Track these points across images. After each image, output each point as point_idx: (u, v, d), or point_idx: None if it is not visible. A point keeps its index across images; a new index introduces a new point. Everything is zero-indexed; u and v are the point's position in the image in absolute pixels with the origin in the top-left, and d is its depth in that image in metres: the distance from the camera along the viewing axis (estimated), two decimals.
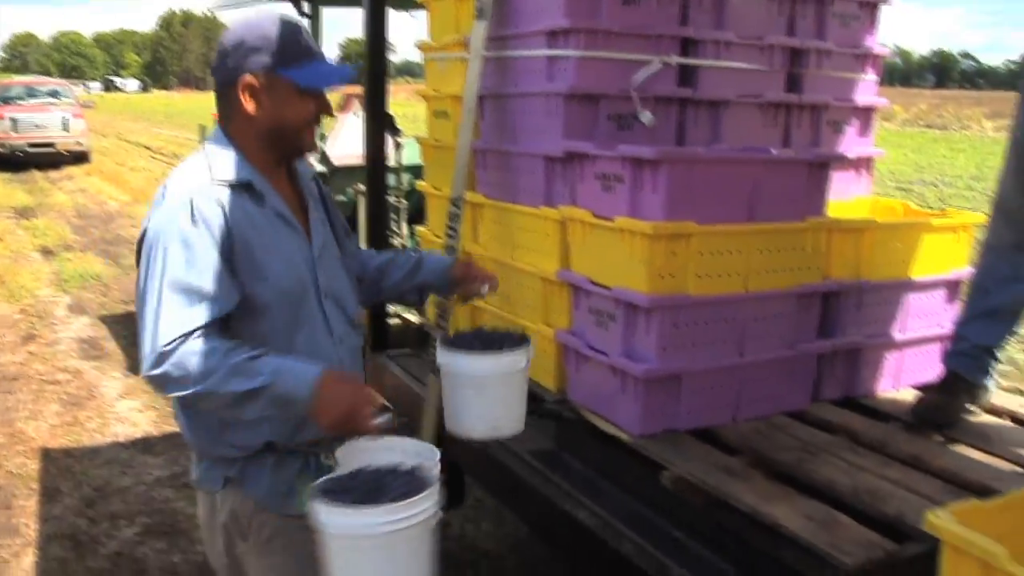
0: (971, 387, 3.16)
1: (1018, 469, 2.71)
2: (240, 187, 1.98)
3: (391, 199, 6.00)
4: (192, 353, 1.85)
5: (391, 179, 6.29)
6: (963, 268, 3.43)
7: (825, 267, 3.06)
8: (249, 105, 1.99)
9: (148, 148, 25.86)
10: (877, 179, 3.59)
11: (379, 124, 4.52)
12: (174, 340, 1.85)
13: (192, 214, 1.91)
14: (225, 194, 1.96)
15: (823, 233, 3.00)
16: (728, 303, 2.83)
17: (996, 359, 3.19)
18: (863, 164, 3.81)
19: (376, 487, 1.81)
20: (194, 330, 1.87)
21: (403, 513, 1.74)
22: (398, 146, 6.33)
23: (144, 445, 5.47)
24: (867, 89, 3.81)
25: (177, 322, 1.87)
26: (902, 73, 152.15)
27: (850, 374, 3.24)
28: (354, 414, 1.90)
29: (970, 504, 1.82)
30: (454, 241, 3.53)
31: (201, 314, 1.89)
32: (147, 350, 1.88)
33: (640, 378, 2.73)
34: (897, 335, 3.29)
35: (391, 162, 6.09)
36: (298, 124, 2.04)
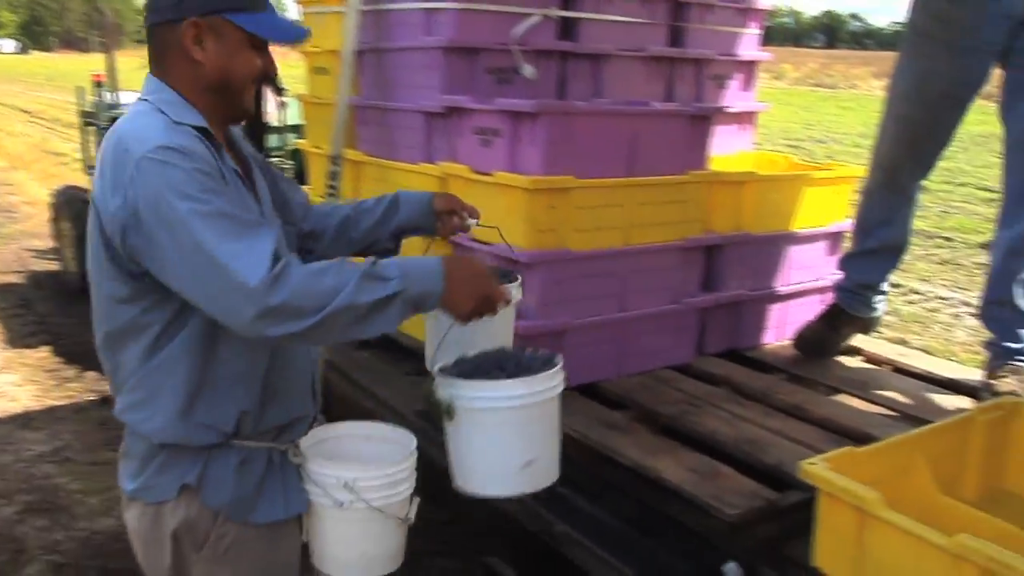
0: (851, 319, 3.26)
1: (894, 415, 2.76)
2: (199, 133, 1.72)
3: (275, 160, 5.82)
4: (304, 275, 1.61)
5: (275, 140, 6.13)
6: (843, 221, 3.47)
7: (707, 220, 3.06)
8: (194, 51, 1.74)
9: (26, 112, 24.74)
10: (768, 136, 3.63)
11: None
12: (269, 270, 1.58)
13: (182, 153, 1.64)
14: (191, 135, 1.70)
15: (704, 186, 2.99)
16: (609, 257, 2.80)
17: (880, 292, 3.27)
18: (746, 118, 3.82)
19: (500, 368, 1.91)
20: (275, 255, 1.61)
21: (547, 383, 1.85)
22: (283, 105, 6.12)
23: (23, 420, 5.22)
24: (750, 43, 3.81)
25: (256, 252, 1.60)
26: (793, 33, 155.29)
27: (734, 327, 3.25)
28: (488, 291, 1.77)
29: (843, 451, 1.82)
30: (335, 200, 3.42)
31: (269, 237, 1.64)
32: (240, 298, 1.58)
33: (520, 335, 2.67)
34: (780, 288, 3.31)
35: (275, 122, 5.93)
36: (242, 79, 1.78)
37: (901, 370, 3.20)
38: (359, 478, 1.82)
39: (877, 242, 3.24)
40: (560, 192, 2.65)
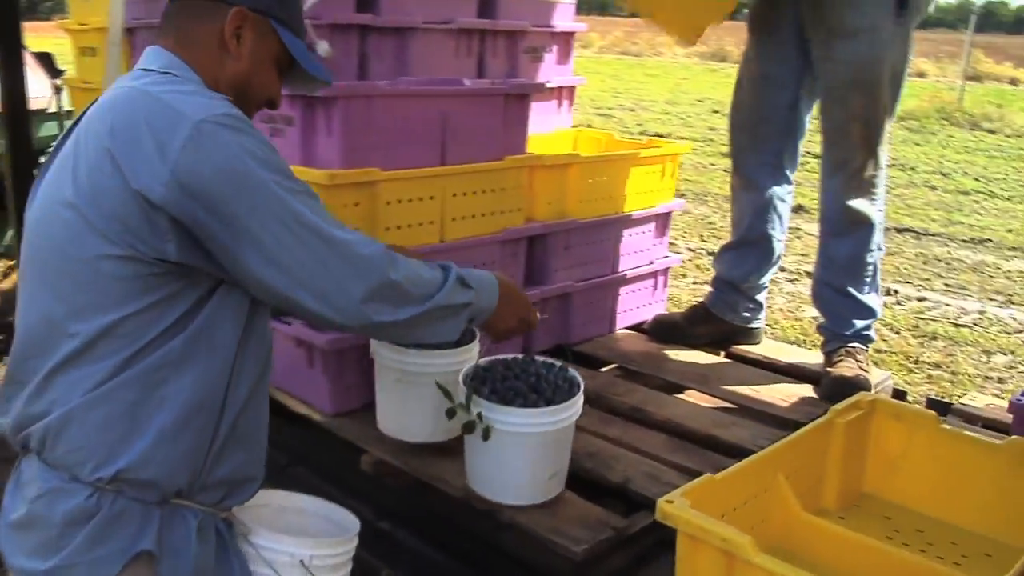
0: (710, 317, 3.11)
1: (736, 409, 2.60)
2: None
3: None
4: (408, 261, 1.59)
5: (52, 127, 5.52)
6: (670, 200, 3.29)
7: (529, 208, 2.79)
8: (231, 41, 1.56)
9: None
10: (578, 106, 3.34)
11: (15, 63, 3.78)
12: (374, 247, 1.55)
13: (249, 124, 1.47)
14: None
15: (525, 171, 2.72)
16: (425, 256, 2.49)
17: (746, 298, 3.09)
18: (564, 94, 3.57)
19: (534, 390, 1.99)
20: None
21: (577, 406, 2.00)
22: (58, 90, 5.51)
23: None
24: (565, 13, 3.56)
25: (348, 228, 1.54)
26: (599, 2, 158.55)
27: (562, 321, 3.02)
28: (529, 313, 1.88)
29: (702, 482, 1.60)
30: None
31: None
32: (354, 272, 1.48)
33: (326, 349, 2.34)
34: (608, 275, 3.10)
35: (52, 108, 5.39)
36: (260, 92, 1.63)
37: (739, 357, 3.05)
38: (315, 555, 1.62)
39: (737, 236, 3.11)
40: (364, 186, 2.32)
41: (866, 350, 2.80)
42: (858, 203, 2.72)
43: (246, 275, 1.43)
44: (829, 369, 2.73)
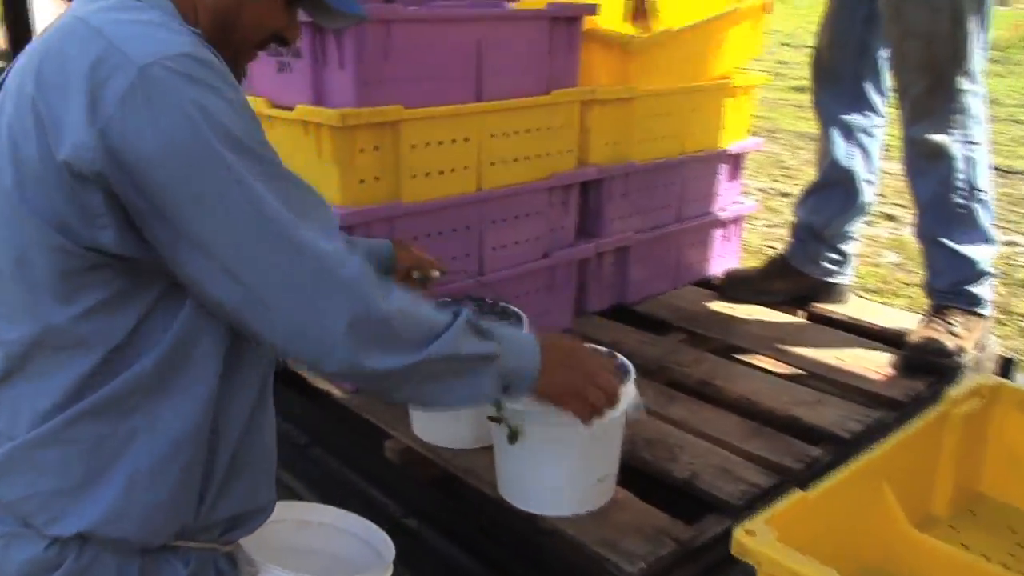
0: (787, 271, 2.73)
1: (816, 382, 2.24)
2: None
3: None
4: (402, 292, 1.19)
5: None
6: (744, 139, 2.90)
7: (581, 150, 2.43)
8: None
9: None
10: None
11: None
12: (362, 267, 1.14)
13: (216, 71, 1.05)
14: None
15: (576, 107, 2.35)
16: (458, 208, 2.16)
17: (829, 247, 2.70)
18: None
19: None
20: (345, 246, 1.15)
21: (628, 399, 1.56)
22: None
23: None
24: None
25: (329, 232, 1.16)
26: None
27: (620, 279, 2.67)
28: (602, 381, 1.43)
29: (792, 503, 1.26)
30: None
31: (332, 215, 1.23)
32: (341, 298, 1.08)
33: None
34: (673, 225, 2.73)
35: None
36: (255, 25, 1.21)
37: (821, 318, 2.67)
38: None
39: (819, 176, 2.73)
40: (383, 128, 1.98)
41: (968, 311, 2.39)
42: (928, 135, 2.32)
43: (191, 285, 1.08)
44: (912, 332, 2.35)
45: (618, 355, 1.72)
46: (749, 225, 5.18)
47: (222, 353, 1.13)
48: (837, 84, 2.59)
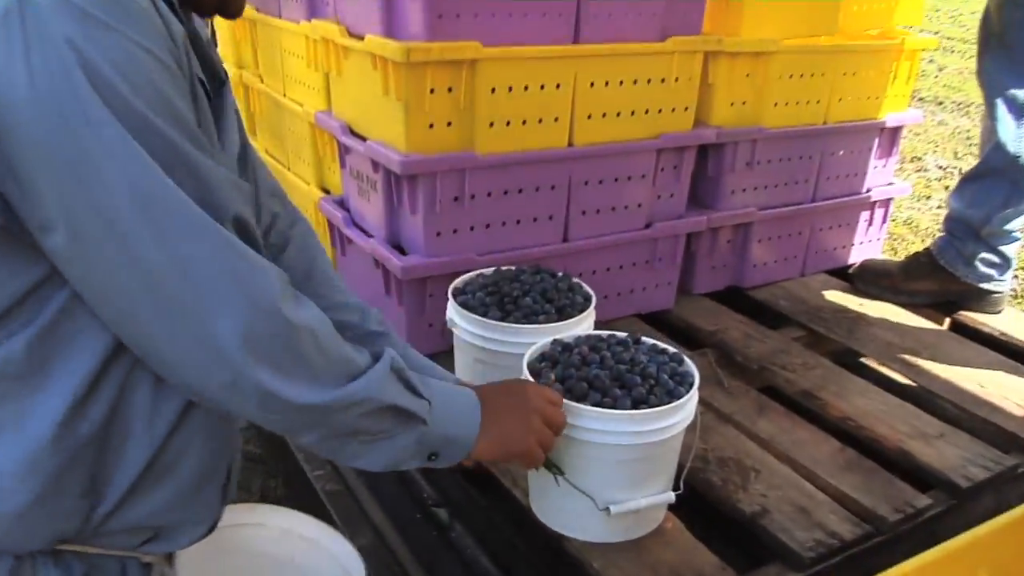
0: (934, 269, 2.36)
1: (944, 409, 1.89)
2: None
3: None
4: (320, 315, 0.97)
5: None
6: (903, 110, 2.50)
7: (702, 109, 2.12)
8: None
9: None
10: None
11: None
12: (280, 274, 0.92)
13: (123, 7, 0.82)
14: None
15: (698, 58, 2.04)
16: (543, 164, 1.90)
17: (987, 247, 2.30)
18: None
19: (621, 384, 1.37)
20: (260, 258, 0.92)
21: (690, 408, 1.37)
22: None
23: None
24: None
25: (256, 237, 0.97)
26: None
27: (737, 259, 2.36)
28: (534, 446, 1.22)
29: None
30: None
31: (251, 212, 0.98)
32: (219, 293, 0.85)
33: (401, 279, 1.82)
34: (804, 203, 2.39)
35: None
36: None
37: (966, 330, 2.29)
38: None
39: (979, 162, 2.31)
40: (457, 67, 1.74)
41: None
42: None
43: (58, 266, 0.85)
44: None
45: (686, 358, 1.45)
46: (921, 205, 4.70)
47: (115, 338, 0.91)
48: (1008, 50, 2.16)
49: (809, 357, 2.05)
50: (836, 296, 2.39)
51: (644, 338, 1.51)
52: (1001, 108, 2.17)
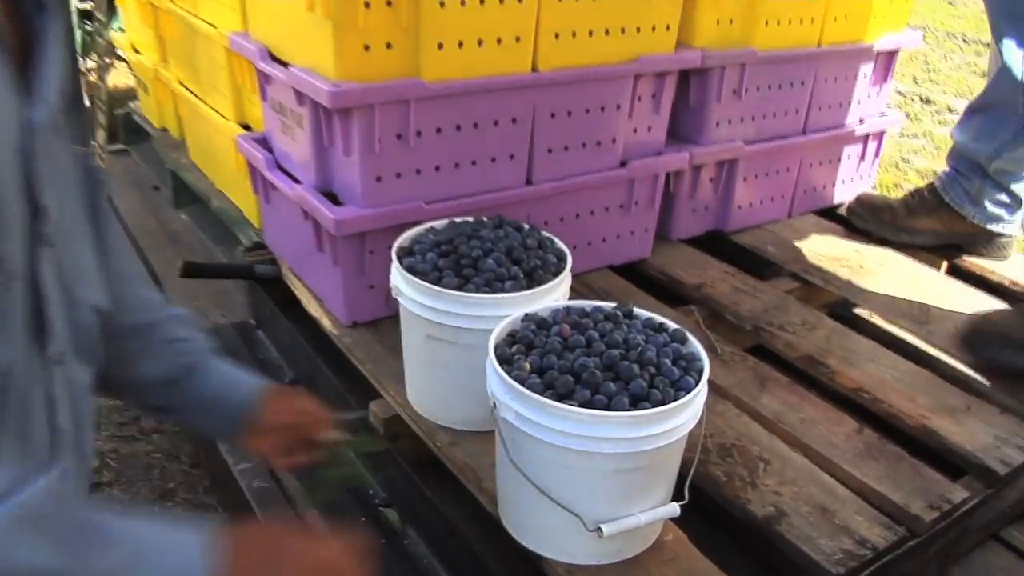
0: (939, 206, 2.11)
1: (960, 393, 1.64)
2: None
3: None
4: None
5: None
6: (901, 30, 2.23)
7: (684, 28, 1.82)
8: None
9: None
10: None
11: None
12: None
13: None
14: None
15: None
16: (503, 93, 1.60)
17: (994, 185, 2.05)
18: None
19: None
20: None
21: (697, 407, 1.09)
22: None
23: None
24: None
25: None
26: None
27: (721, 201, 2.08)
28: None
29: None
30: None
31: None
32: None
33: (334, 234, 1.52)
34: (797, 137, 2.12)
35: None
36: None
37: (970, 276, 2.05)
38: None
39: (987, 87, 2.05)
40: None
41: None
42: None
43: None
44: None
45: (690, 336, 1.17)
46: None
47: None
48: None
49: (808, 314, 1.79)
50: (829, 240, 2.13)
51: (637, 310, 1.23)
52: (1007, 32, 1.90)
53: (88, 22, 2.90)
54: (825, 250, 2.08)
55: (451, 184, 1.61)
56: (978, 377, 1.64)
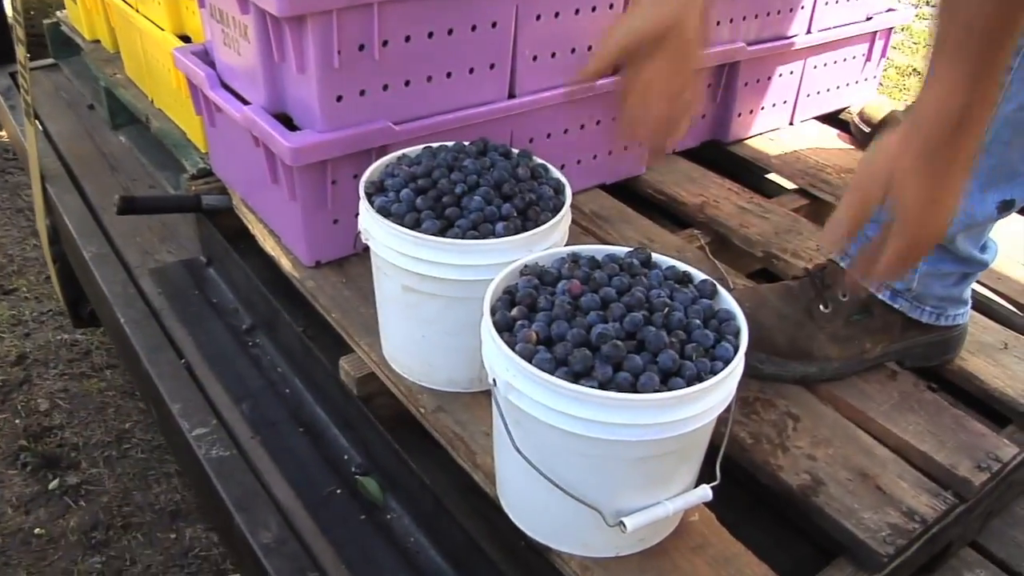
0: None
1: (999, 328, 1.49)
2: None
3: None
4: None
5: None
6: None
7: None
8: None
9: None
10: None
11: None
12: None
13: None
14: None
15: None
16: None
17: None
18: None
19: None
20: None
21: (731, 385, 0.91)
22: None
23: None
24: None
25: None
26: None
27: (719, 108, 1.89)
28: None
29: None
30: None
31: None
32: None
33: (290, 164, 1.31)
34: (801, 37, 1.91)
35: None
36: None
37: None
38: None
39: None
40: None
41: None
42: None
43: None
44: None
45: (719, 288, 0.99)
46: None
47: None
48: None
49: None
50: (836, 150, 1.95)
51: (655, 256, 1.04)
52: None
53: None
54: (833, 161, 1.89)
55: (423, 101, 1.39)
56: (1013, 309, 1.48)
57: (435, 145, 1.25)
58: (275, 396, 1.43)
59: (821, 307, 1.26)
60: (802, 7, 1.87)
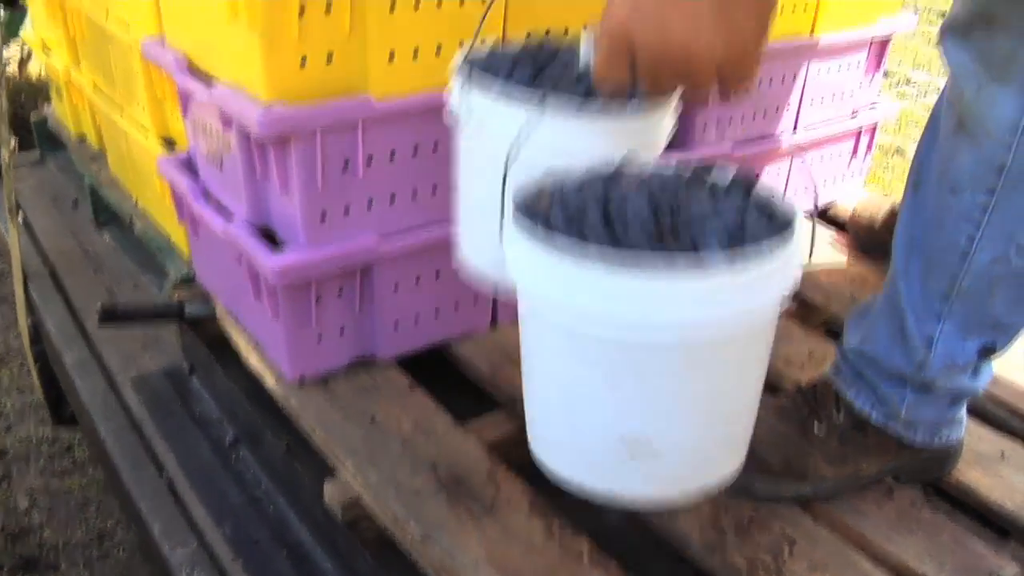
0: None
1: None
2: None
3: None
4: None
5: None
6: (894, 14, 2.03)
7: None
8: None
9: None
10: None
11: None
12: None
13: None
14: None
15: None
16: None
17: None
18: None
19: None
20: None
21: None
22: None
23: None
24: None
25: None
26: None
27: None
28: None
29: None
30: None
31: None
32: None
33: (274, 283, 1.29)
34: (785, 137, 1.91)
35: None
36: None
37: None
38: None
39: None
40: None
41: None
42: None
43: None
44: None
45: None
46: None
47: None
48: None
49: (814, 343, 1.60)
50: (823, 247, 1.94)
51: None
52: None
53: None
54: (820, 259, 1.89)
55: (411, 213, 1.38)
56: (1008, 414, 1.47)
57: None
58: (258, 514, 1.39)
59: (815, 427, 1.24)
60: (786, 106, 1.88)
